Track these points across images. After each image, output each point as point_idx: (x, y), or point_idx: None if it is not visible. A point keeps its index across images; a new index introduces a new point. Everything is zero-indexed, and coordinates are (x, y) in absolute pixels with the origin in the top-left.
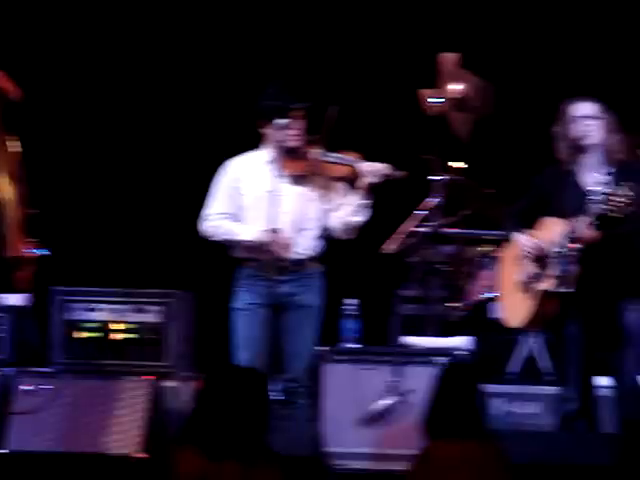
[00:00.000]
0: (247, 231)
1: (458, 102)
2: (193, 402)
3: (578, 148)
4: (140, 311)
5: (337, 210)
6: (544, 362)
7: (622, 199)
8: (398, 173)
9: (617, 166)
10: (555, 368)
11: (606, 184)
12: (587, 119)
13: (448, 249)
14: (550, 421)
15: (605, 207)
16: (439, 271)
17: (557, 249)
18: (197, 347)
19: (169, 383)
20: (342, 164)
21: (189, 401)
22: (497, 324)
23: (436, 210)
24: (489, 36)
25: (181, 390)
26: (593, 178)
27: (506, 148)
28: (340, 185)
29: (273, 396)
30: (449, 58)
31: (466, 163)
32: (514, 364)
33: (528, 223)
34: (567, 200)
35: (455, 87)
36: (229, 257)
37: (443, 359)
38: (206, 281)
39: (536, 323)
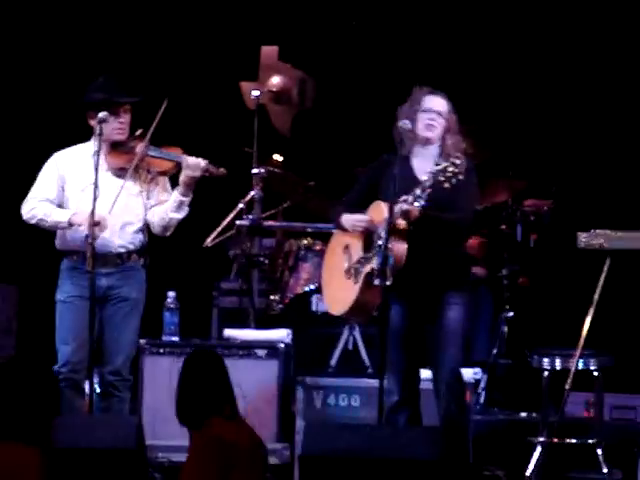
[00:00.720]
0: (62, 213)
1: (277, 95)
2: None
3: (419, 139)
4: None
5: (158, 205)
6: (363, 354)
7: (452, 168)
8: (217, 170)
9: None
10: (375, 360)
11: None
12: (435, 113)
13: (268, 242)
14: (369, 414)
15: (438, 178)
16: (259, 264)
17: (380, 233)
18: (24, 339)
19: None
20: (165, 159)
21: None
22: (318, 317)
23: (256, 203)
24: (310, 28)
25: None
26: (426, 168)
27: (327, 140)
28: (162, 180)
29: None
30: (268, 51)
31: (286, 156)
32: (334, 357)
33: (359, 211)
34: (399, 187)
35: (274, 80)
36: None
37: (263, 351)
38: (35, 273)
39: (359, 311)
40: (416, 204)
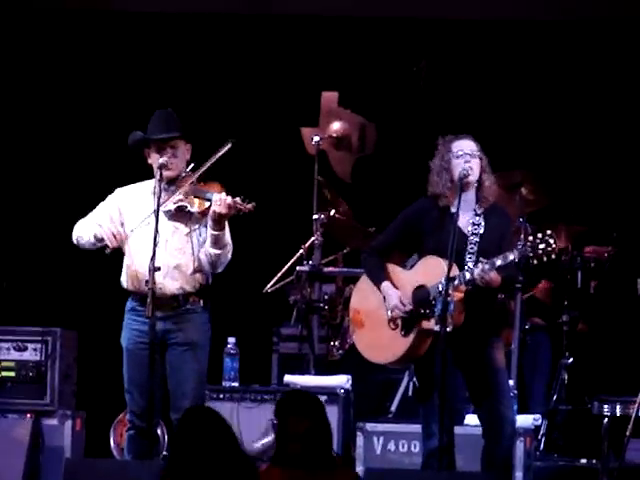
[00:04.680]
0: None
1: (337, 140)
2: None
3: (459, 186)
4: (20, 349)
5: (204, 243)
6: None
7: (544, 245)
8: (245, 206)
9: (484, 207)
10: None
11: (477, 225)
12: (469, 156)
13: (328, 288)
14: None
15: (531, 254)
16: (319, 309)
17: (439, 289)
18: (82, 384)
19: (49, 421)
20: (199, 197)
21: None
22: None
23: (316, 249)
24: (370, 74)
25: (61, 428)
26: (466, 218)
27: (387, 186)
28: (207, 218)
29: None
30: (329, 96)
31: (346, 201)
32: (394, 403)
33: (388, 257)
34: (445, 240)
35: (334, 125)
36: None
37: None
38: (94, 319)
39: (403, 361)
40: (495, 273)
